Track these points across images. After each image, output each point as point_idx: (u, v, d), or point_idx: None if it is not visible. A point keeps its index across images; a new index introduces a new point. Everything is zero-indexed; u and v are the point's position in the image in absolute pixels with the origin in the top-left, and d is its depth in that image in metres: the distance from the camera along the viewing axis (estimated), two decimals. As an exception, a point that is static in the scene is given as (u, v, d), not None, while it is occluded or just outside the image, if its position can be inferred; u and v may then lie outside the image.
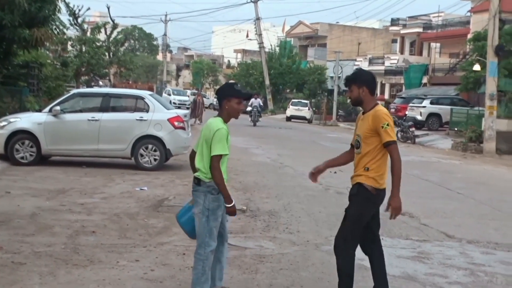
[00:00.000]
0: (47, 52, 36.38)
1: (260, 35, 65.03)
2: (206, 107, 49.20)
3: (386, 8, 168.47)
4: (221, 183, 5.66)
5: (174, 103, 48.30)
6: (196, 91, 51.76)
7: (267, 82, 65.27)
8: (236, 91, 5.85)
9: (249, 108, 39.70)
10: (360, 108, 6.07)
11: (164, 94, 59.12)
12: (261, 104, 41.68)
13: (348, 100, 12.16)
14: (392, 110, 41.59)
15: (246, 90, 6.11)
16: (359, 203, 5.84)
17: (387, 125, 5.69)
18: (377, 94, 59.15)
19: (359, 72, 6.12)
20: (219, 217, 5.84)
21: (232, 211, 5.76)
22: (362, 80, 5.92)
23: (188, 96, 61.57)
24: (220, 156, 5.66)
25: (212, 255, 5.88)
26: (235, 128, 22.95)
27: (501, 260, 8.78)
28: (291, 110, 53.49)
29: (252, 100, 39.90)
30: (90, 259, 7.55)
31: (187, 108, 46.51)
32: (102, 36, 47.74)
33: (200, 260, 5.86)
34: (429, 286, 7.28)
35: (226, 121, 5.81)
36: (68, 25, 36.48)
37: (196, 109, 38.14)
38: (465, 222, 11.46)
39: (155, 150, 16.01)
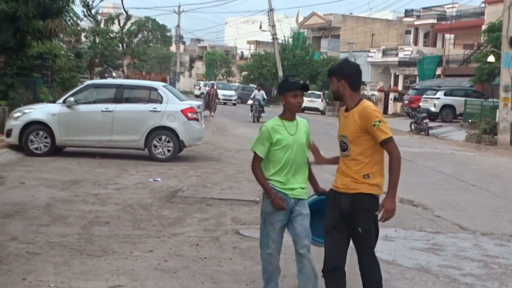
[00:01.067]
0: (61, 44, 36.46)
1: (273, 26, 64.80)
2: (219, 99, 48.87)
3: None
4: (259, 179, 5.60)
5: (218, 98, 43.95)
6: (210, 82, 50.98)
7: (280, 73, 65.07)
8: (287, 84, 5.61)
9: (250, 102, 36.50)
10: None
11: (203, 87, 55.02)
12: (265, 97, 36.49)
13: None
14: (406, 102, 41.43)
15: (301, 80, 5.78)
16: (374, 213, 5.17)
17: (379, 122, 5.05)
18: (390, 86, 58.94)
19: (341, 63, 5.50)
20: (276, 223, 5.61)
21: (274, 203, 5.51)
22: (341, 73, 5.27)
23: (234, 91, 61.83)
24: (258, 156, 5.59)
25: (271, 258, 5.72)
26: (237, 124, 22.39)
27: (515, 252, 8.74)
28: (304, 102, 53.39)
29: (255, 92, 36.21)
30: (104, 250, 7.58)
31: (234, 104, 45.87)
32: (115, 28, 47.75)
33: (262, 259, 5.87)
34: (443, 278, 7.26)
35: (286, 117, 5.64)
36: (81, 16, 36.54)
37: (210, 101, 37.09)
38: (479, 214, 11.42)
39: (168, 141, 16.04)
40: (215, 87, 39.82)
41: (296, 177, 5.65)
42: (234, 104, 55.24)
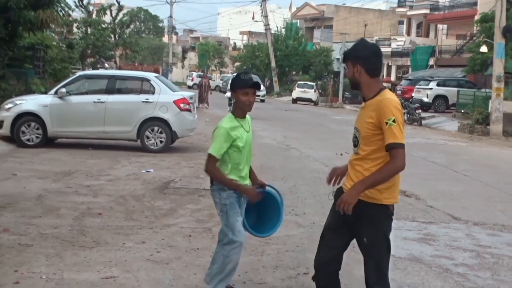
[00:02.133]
0: (53, 34, 36.34)
1: (266, 16, 64.79)
2: (213, 90, 48.23)
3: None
4: (221, 177, 5.35)
5: (211, 88, 38.46)
6: (202, 73, 50.05)
7: (273, 64, 65.12)
8: (238, 80, 5.37)
9: (228, 94, 29.47)
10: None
11: (195, 78, 49.17)
12: None
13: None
14: (399, 92, 41.49)
15: (252, 77, 5.48)
16: (382, 224, 4.52)
17: (393, 121, 4.25)
18: (383, 76, 59.02)
19: (356, 44, 4.62)
20: (238, 212, 5.44)
21: (251, 194, 5.44)
22: (356, 56, 4.49)
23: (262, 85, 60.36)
24: (215, 159, 5.30)
25: (239, 249, 5.45)
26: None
27: (507, 242, 8.77)
28: (297, 92, 53.41)
29: None
30: (96, 241, 7.57)
31: (262, 101, 43.90)
32: (107, 18, 47.61)
33: (221, 255, 5.47)
34: (435, 268, 7.28)
35: (239, 115, 5.41)
36: (73, 7, 36.40)
37: (202, 92, 35.91)
38: (472, 204, 11.45)
39: (161, 132, 16.02)
40: (207, 78, 38.67)
41: (247, 176, 5.58)
42: (262, 101, 48.00)
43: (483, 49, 35.68)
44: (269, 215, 5.78)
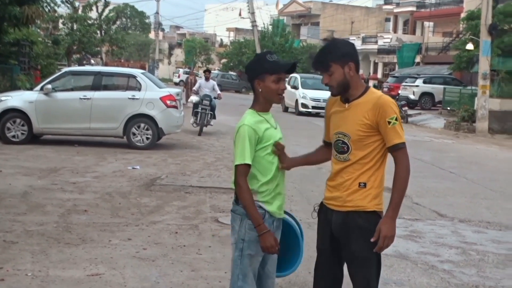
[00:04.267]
0: (38, 30, 36.19)
1: (252, 13, 64.59)
2: None
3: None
4: (248, 205, 4.05)
5: (305, 105, 32.73)
6: (189, 70, 49.16)
7: (259, 60, 64.99)
8: (270, 63, 4.15)
9: (193, 98, 21.36)
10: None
11: (182, 75, 42.07)
12: (217, 90, 22.20)
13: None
14: (385, 89, 41.57)
15: (284, 60, 4.34)
16: (371, 236, 4.01)
17: (396, 119, 3.92)
18: (369, 73, 59.16)
19: (336, 43, 4.12)
20: (258, 255, 4.17)
21: (265, 244, 4.06)
22: (345, 53, 4.03)
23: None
24: (244, 167, 4.06)
25: None
26: (217, 111, 21.86)
27: (492, 239, 8.83)
28: (284, 89, 53.38)
29: (200, 82, 22.23)
30: (82, 238, 7.55)
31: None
32: (93, 14, 47.47)
33: None
34: (421, 265, 7.32)
35: (262, 109, 4.24)
36: (59, 2, 36.16)
37: (188, 90, 33.38)
38: (457, 201, 11.51)
39: (147, 129, 15.98)
40: (193, 75, 37.68)
41: (283, 185, 4.40)
42: None
43: (469, 46, 35.80)
44: (284, 248, 4.42)
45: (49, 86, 15.77)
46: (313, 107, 32.39)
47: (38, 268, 6.34)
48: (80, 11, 44.78)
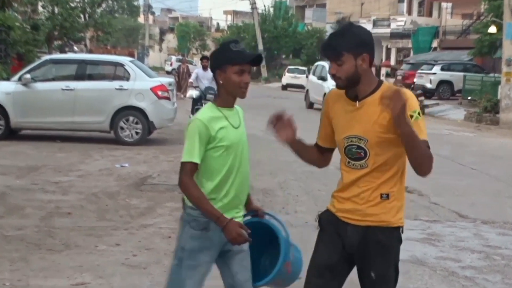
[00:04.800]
0: (16, 14, 36.10)
1: (252, -6, 64.68)
2: None
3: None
4: (198, 202, 3.99)
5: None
6: (182, 58, 48.45)
7: (260, 47, 64.99)
8: (230, 53, 4.06)
9: (192, 93, 20.43)
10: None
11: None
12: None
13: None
14: (399, 78, 41.56)
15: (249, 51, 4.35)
16: (395, 252, 3.99)
17: (419, 114, 3.75)
18: (381, 60, 59.15)
19: (351, 29, 3.86)
20: (200, 266, 4.11)
21: (231, 235, 3.97)
22: (362, 43, 3.78)
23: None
24: (191, 165, 4.00)
25: None
26: None
27: (519, 242, 8.82)
28: (287, 78, 53.37)
29: (197, 72, 20.75)
30: (66, 244, 7.55)
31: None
32: (76, -4, 47.42)
33: None
34: (440, 271, 7.31)
35: (224, 104, 4.14)
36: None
37: (180, 80, 33.65)
38: (480, 200, 11.50)
39: (136, 123, 15.98)
40: (186, 63, 37.05)
41: (240, 195, 4.19)
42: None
43: (492, 29, 35.75)
44: (269, 255, 4.44)
45: (28, 76, 15.76)
46: None
47: (18, 277, 6.34)
48: (62, -7, 44.73)
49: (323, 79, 29.65)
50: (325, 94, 25.86)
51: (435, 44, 54.62)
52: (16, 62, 25.40)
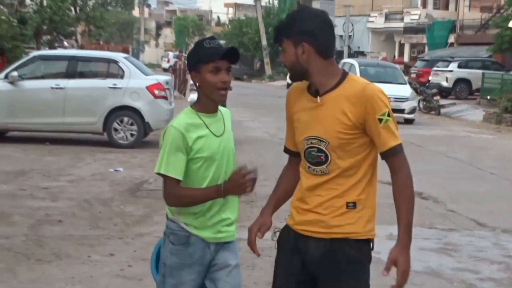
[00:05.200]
0: (1, 7, 36.17)
1: (255, -14, 64.74)
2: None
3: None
4: (194, 198, 3.88)
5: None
6: (178, 54, 47.50)
7: (264, 42, 65.03)
8: (203, 50, 3.90)
9: (196, 97, 7.52)
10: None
11: (171, 59, 37.85)
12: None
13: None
14: (413, 75, 41.56)
15: (221, 43, 4.13)
16: (366, 269, 3.72)
17: (389, 115, 3.52)
18: (394, 56, 58.98)
19: (298, 14, 3.68)
20: (183, 285, 3.98)
21: (234, 192, 3.86)
22: (301, 30, 3.55)
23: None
24: (173, 180, 3.84)
25: None
26: None
27: (542, 252, 8.83)
28: (288, 79, 53.36)
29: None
30: (56, 254, 7.57)
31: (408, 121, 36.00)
32: (67, -12, 47.45)
33: None
34: (457, 283, 7.33)
35: (204, 109, 3.94)
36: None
37: (176, 77, 32.89)
38: (500, 208, 11.50)
39: (131, 124, 15.99)
40: (183, 59, 35.29)
41: (227, 211, 4.03)
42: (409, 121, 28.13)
43: (512, 24, 35.77)
44: None
45: (15, 73, 15.78)
46: None
47: (5, 289, 6.36)
48: (51, -16, 44.77)
49: None
50: None
51: (451, 39, 54.60)
52: (0, 58, 25.42)
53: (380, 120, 3.48)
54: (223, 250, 4.04)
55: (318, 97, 3.60)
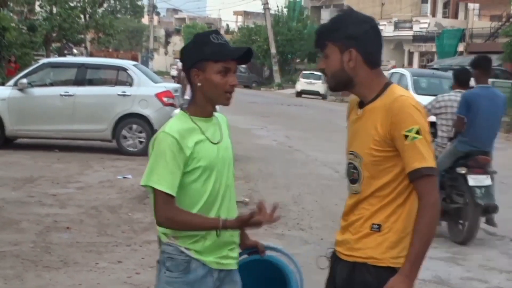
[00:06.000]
0: (11, 14, 36.28)
1: (264, -6, 64.81)
2: None
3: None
4: (188, 222, 3.45)
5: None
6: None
7: (273, 50, 65.09)
8: (214, 46, 3.45)
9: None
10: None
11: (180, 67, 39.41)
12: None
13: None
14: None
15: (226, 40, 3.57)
16: None
17: (417, 132, 3.16)
18: (403, 65, 59.01)
19: (343, 17, 3.41)
20: None
21: (235, 227, 3.50)
22: (348, 35, 3.29)
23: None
24: (167, 196, 3.43)
25: None
26: (220, 109, 22.25)
27: (551, 262, 8.79)
28: (301, 84, 53.40)
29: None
30: (64, 260, 7.57)
31: None
32: (76, -5, 47.63)
33: None
34: (466, 293, 7.30)
35: (199, 113, 3.51)
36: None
37: (184, 86, 33.02)
38: (509, 217, 11.45)
39: (140, 131, 16.02)
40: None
41: (225, 235, 3.56)
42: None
43: (523, 32, 35.71)
44: None
45: (24, 80, 15.83)
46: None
47: (12, 296, 6.37)
48: (60, -8, 44.92)
49: None
50: None
51: (461, 48, 54.47)
52: (12, 65, 25.50)
53: (406, 136, 3.14)
54: (228, 281, 3.60)
55: (359, 110, 3.36)
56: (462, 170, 9.18)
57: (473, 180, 9.13)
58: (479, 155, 9.20)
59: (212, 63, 3.41)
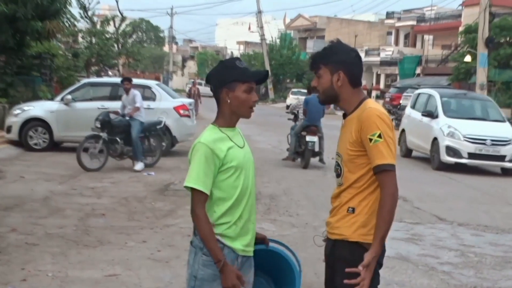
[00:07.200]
0: (59, 44, 36.22)
1: (261, 27, 64.73)
2: (203, 96, 42.59)
3: (381, 2, 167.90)
4: (206, 237, 3.31)
5: (454, 150, 16.13)
6: (193, 81, 46.67)
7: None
8: (240, 70, 3.44)
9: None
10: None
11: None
12: (137, 102, 14.05)
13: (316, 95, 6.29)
14: (387, 99, 41.47)
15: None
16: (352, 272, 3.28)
17: (379, 136, 3.24)
18: (372, 84, 59.06)
19: (335, 47, 3.54)
20: None
21: (226, 283, 3.31)
22: (339, 60, 3.42)
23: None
24: (202, 194, 3.31)
25: None
26: None
27: (489, 242, 8.78)
28: (291, 99, 53.16)
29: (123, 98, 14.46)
30: (100, 240, 7.56)
31: None
32: (111, 29, 47.60)
33: None
34: (422, 266, 7.28)
35: (226, 124, 3.46)
36: (78, 18, 36.31)
37: (197, 100, 31.52)
38: (456, 206, 11.46)
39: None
40: (196, 85, 36.19)
41: (252, 218, 3.51)
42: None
43: (467, 58, 35.73)
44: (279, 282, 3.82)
45: (69, 96, 15.83)
46: (472, 156, 16.09)
47: (58, 269, 6.35)
48: (98, 26, 44.91)
49: (431, 115, 17.51)
50: (435, 139, 16.72)
51: (418, 70, 54.49)
52: (57, 85, 25.48)
53: (370, 139, 3.24)
54: (247, 266, 3.50)
55: (343, 120, 3.50)
56: (304, 133, 14.96)
57: (309, 138, 14.75)
58: (312, 127, 14.89)
59: (240, 83, 3.40)
